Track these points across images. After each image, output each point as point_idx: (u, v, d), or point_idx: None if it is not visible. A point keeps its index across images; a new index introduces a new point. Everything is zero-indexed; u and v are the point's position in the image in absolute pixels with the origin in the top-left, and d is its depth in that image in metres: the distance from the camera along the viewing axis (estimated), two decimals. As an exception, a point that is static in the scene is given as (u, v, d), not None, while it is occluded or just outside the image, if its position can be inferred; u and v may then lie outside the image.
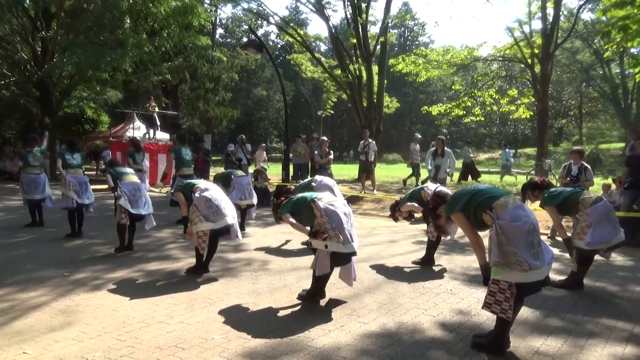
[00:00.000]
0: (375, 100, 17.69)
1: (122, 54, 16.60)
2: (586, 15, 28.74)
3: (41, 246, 6.86)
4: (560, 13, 15.33)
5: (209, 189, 5.41)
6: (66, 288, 4.82)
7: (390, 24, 19.36)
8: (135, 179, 6.69)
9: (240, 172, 8.25)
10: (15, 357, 3.22)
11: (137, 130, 17.72)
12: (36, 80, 18.60)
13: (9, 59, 19.02)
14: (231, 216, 5.30)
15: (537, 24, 16.04)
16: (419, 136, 15.87)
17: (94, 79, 20.44)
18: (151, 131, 17.43)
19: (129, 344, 3.43)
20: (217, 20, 33.30)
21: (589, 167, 7.55)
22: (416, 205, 5.80)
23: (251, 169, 14.11)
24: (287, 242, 7.33)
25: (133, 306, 4.26)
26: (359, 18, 17.16)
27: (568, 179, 7.43)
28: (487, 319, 3.92)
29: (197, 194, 5.29)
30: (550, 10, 14.87)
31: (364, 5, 17.46)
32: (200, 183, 5.54)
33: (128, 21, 18.11)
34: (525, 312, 4.19)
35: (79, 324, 3.83)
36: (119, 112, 22.50)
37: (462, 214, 3.40)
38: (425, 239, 6.13)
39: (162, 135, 18.68)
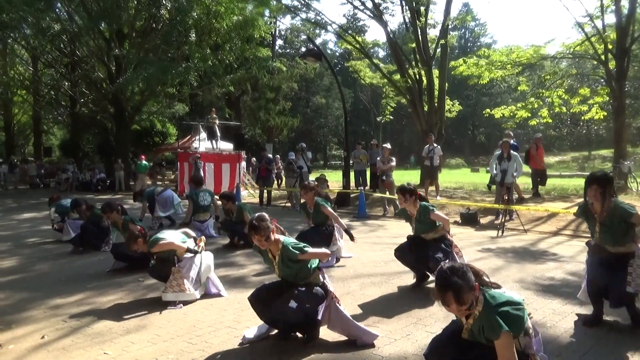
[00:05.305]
0: (436, 105, 17.34)
1: (187, 67, 17.44)
2: (666, 5, 26.66)
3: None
4: (637, 5, 14.21)
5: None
6: (141, 292, 5.08)
7: (450, 26, 18.94)
8: None
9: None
10: (97, 357, 3.43)
11: (202, 141, 18.43)
12: (111, 97, 19.90)
13: (87, 78, 20.53)
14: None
15: (610, 18, 14.98)
16: None
17: (162, 94, 21.61)
18: (213, 142, 18.07)
19: (200, 347, 3.54)
20: (277, 32, 34.14)
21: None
22: None
23: (312, 177, 14.23)
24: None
25: (202, 311, 4.40)
26: (417, 22, 16.92)
27: None
28: (565, 331, 3.70)
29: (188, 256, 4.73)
30: (625, 2, 13.93)
31: (422, 8, 17.20)
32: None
33: (194, 36, 19.00)
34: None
35: (153, 326, 4.01)
36: (186, 125, 23.57)
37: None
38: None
39: (226, 146, 19.31)
